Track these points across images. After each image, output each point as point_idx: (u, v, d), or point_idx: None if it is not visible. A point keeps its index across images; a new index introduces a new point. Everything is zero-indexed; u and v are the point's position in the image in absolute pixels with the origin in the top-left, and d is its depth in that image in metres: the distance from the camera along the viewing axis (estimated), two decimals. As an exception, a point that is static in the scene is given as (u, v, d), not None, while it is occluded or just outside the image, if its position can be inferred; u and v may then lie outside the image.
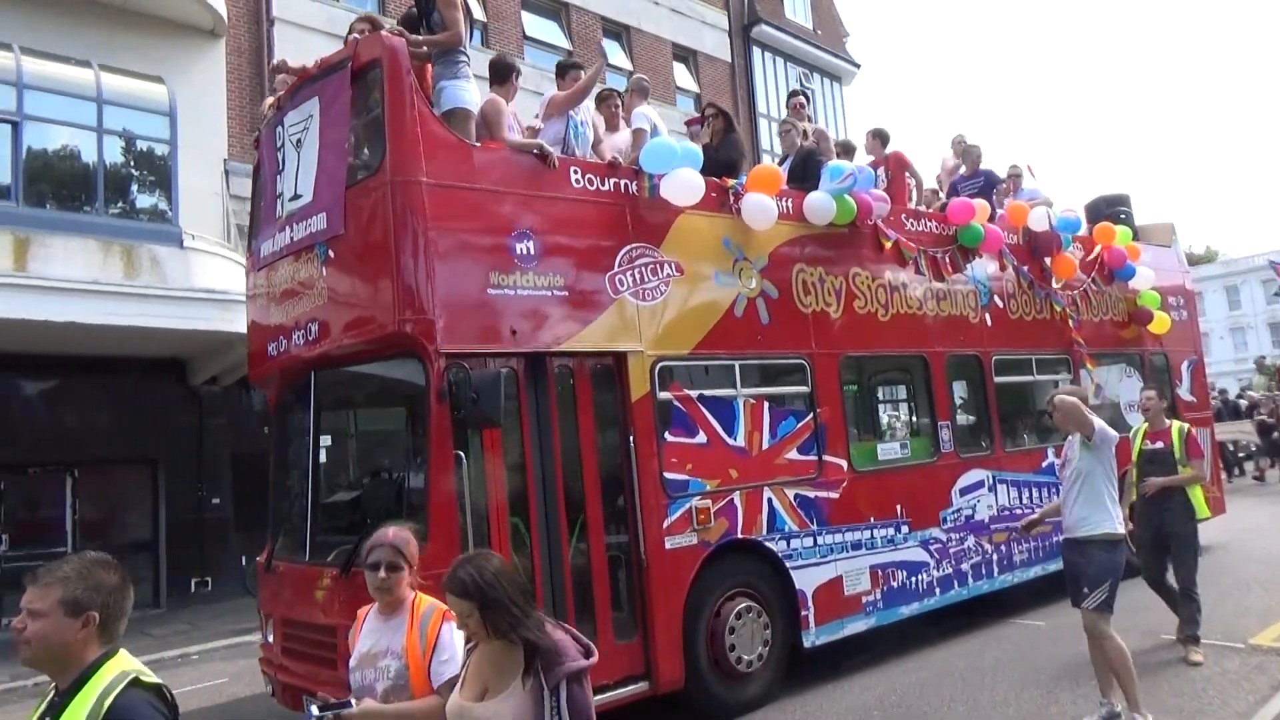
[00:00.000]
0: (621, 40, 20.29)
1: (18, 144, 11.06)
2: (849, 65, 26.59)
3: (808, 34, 25.38)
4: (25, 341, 11.18)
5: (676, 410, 6.19)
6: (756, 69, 23.30)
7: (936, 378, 8.08)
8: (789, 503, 6.69)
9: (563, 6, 19.23)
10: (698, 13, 22.24)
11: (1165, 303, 11.26)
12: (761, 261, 6.88)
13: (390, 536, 3.18)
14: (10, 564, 12.12)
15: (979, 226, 8.58)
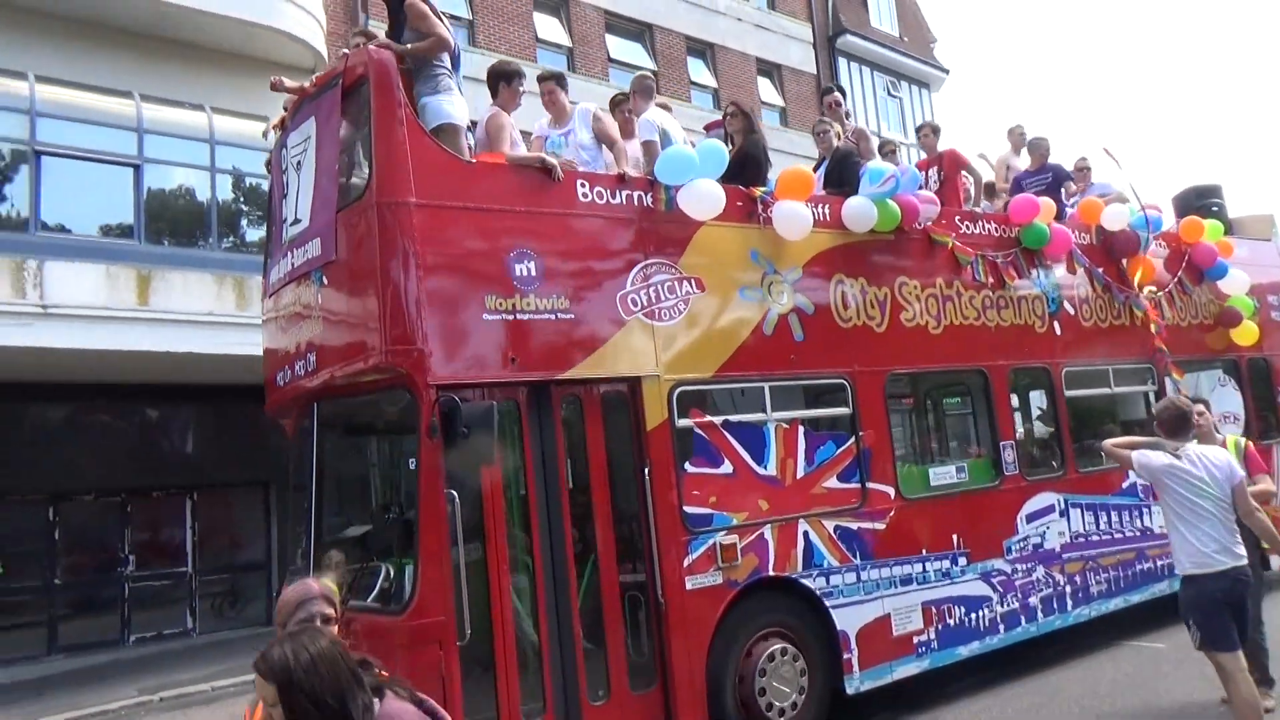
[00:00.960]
0: (705, 58, 20.20)
1: (139, 186, 11.68)
2: (938, 71, 26.00)
3: (894, 42, 24.90)
4: (148, 372, 11.81)
5: (698, 438, 5.73)
6: (843, 80, 22.88)
7: (998, 393, 7.41)
8: (828, 535, 6.15)
9: (646, 28, 19.20)
10: (781, 26, 22.00)
11: (1265, 302, 10.27)
12: (795, 274, 6.37)
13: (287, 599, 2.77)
14: (137, 583, 12.97)
15: (1044, 227, 7.87)
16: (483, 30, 16.38)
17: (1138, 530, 8.17)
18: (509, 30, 16.75)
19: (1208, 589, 4.80)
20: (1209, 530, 4.82)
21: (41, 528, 12.45)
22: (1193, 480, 4.86)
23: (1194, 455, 4.93)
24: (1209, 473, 4.86)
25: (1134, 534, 8.15)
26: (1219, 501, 4.84)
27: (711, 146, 6.11)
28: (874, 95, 23.66)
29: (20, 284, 10.11)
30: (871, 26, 24.39)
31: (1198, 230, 9.47)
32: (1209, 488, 4.83)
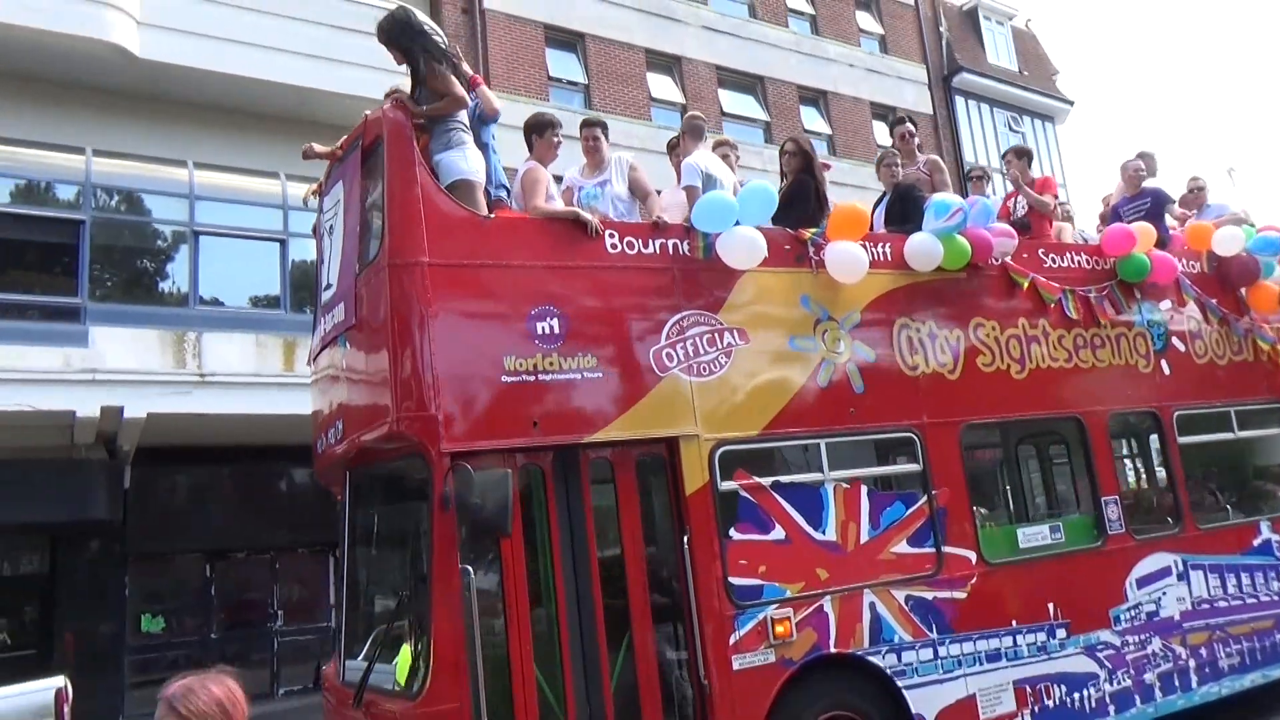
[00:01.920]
0: (818, 105, 20.23)
1: (284, 259, 12.35)
2: (1061, 103, 25.31)
3: (1014, 76, 24.44)
4: (291, 434, 12.19)
5: (745, 502, 5.28)
6: (961, 118, 22.76)
7: (1096, 442, 6.65)
8: (898, 607, 5.55)
9: (757, 80, 19.35)
10: (894, 69, 21.84)
11: None
12: (852, 320, 5.88)
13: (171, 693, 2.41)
14: (285, 637, 13.37)
15: (1143, 256, 7.12)
16: (598, 93, 16.78)
17: (1274, 595, 7.18)
18: (623, 91, 17.13)
19: None
20: None
21: (199, 584, 13.02)
22: None
23: None
24: None
25: (1272, 598, 7.16)
26: None
27: (756, 188, 5.74)
28: (994, 131, 23.40)
29: (181, 355, 10.82)
30: (988, 63, 24.05)
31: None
32: None
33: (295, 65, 12.53)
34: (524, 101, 15.23)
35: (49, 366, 9.96)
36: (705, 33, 18.65)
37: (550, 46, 16.67)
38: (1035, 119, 24.57)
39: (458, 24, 15.56)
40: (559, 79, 16.61)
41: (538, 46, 16.42)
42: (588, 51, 17.02)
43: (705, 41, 18.59)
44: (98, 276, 11.52)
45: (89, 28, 11.02)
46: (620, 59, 17.29)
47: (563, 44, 16.94)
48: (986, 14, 24.74)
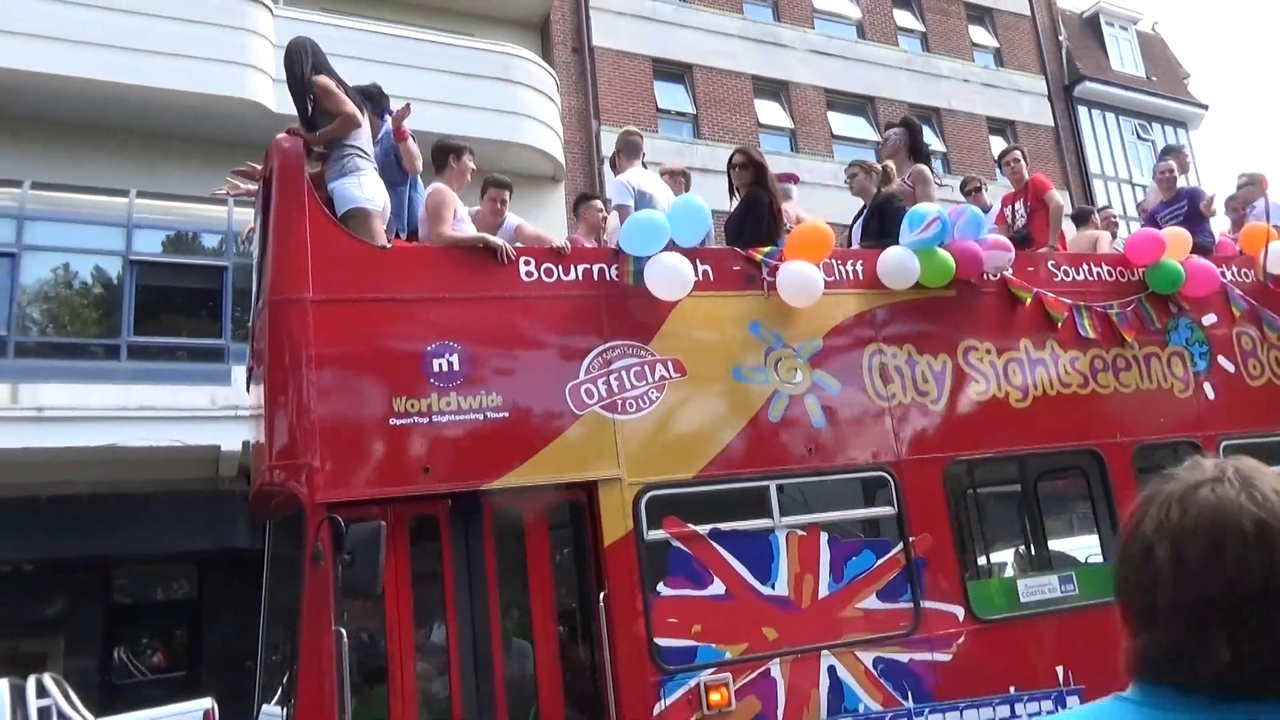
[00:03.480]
0: (931, 123, 19.63)
1: None
2: (1194, 108, 23.95)
3: (1140, 83, 23.20)
4: None
5: (676, 553, 4.74)
6: (1084, 128, 21.78)
7: (1118, 478, 5.81)
8: (864, 671, 4.89)
9: (867, 100, 19.11)
10: (1011, 82, 21.11)
11: None
12: (812, 347, 5.29)
13: None
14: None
15: (1175, 265, 6.26)
16: (706, 122, 16.87)
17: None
18: (731, 119, 17.16)
19: None
20: None
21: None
22: None
23: None
24: None
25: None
26: None
27: (683, 202, 5.26)
28: (1121, 140, 22.36)
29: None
30: (1112, 70, 22.91)
31: None
32: None
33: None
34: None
35: (197, 404, 10.29)
36: (812, 56, 18.54)
37: (658, 79, 16.93)
38: (1166, 125, 23.34)
39: (568, 63, 15.94)
40: (667, 110, 16.84)
41: (646, 80, 16.68)
42: (695, 81, 17.18)
43: (813, 65, 18.48)
44: (239, 319, 11.74)
45: (231, 88, 11.54)
46: (727, 87, 17.40)
47: (670, 75, 17.20)
48: (1109, 20, 23.75)
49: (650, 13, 17.01)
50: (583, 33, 16.21)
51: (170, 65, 10.94)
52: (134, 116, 11.12)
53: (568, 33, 16.18)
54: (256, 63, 11.77)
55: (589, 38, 16.18)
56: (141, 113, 11.45)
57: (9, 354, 10.10)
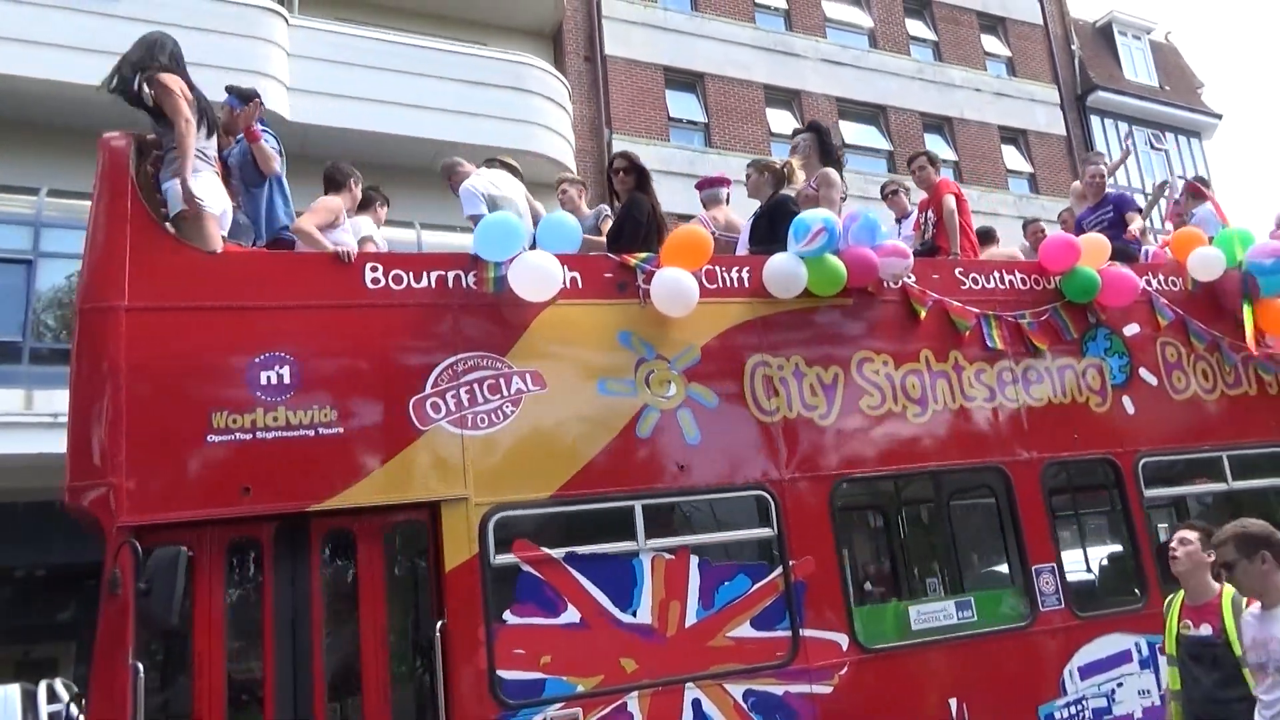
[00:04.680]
0: (943, 132, 19.78)
1: None
2: (1208, 118, 23.92)
3: (1153, 92, 23.22)
4: None
5: (527, 579, 4.44)
6: (1097, 138, 21.72)
7: (1024, 498, 5.50)
8: (733, 705, 4.58)
9: (879, 110, 19.13)
10: (1024, 91, 21.11)
11: None
12: (688, 358, 5.00)
13: None
14: None
15: (1090, 272, 5.96)
16: (717, 131, 16.93)
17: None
18: (743, 128, 17.21)
19: None
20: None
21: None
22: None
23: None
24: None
25: (1278, 690, 5.75)
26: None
27: (555, 219, 5.00)
28: (1135, 150, 22.07)
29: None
30: (1125, 79, 22.88)
31: (1366, 260, 6.99)
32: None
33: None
34: (644, 143, 15.36)
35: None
36: (825, 65, 18.59)
37: (670, 88, 16.93)
38: (1180, 135, 23.34)
39: (580, 71, 15.99)
40: (679, 119, 16.87)
41: (658, 89, 16.70)
42: (707, 91, 17.11)
43: (825, 74, 18.52)
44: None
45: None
46: (739, 96, 17.43)
47: (682, 85, 17.19)
48: (1122, 29, 23.72)
49: (662, 22, 17.12)
50: (595, 41, 16.28)
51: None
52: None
53: (580, 41, 16.27)
54: (272, 72, 11.80)
55: (601, 46, 16.24)
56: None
57: (24, 360, 10.09)
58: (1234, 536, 3.44)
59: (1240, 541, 3.41)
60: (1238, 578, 3.39)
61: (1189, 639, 3.96)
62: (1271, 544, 3.40)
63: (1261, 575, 3.36)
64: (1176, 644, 4.04)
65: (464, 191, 5.16)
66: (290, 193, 5.21)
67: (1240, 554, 3.38)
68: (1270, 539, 3.42)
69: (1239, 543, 3.41)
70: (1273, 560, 3.38)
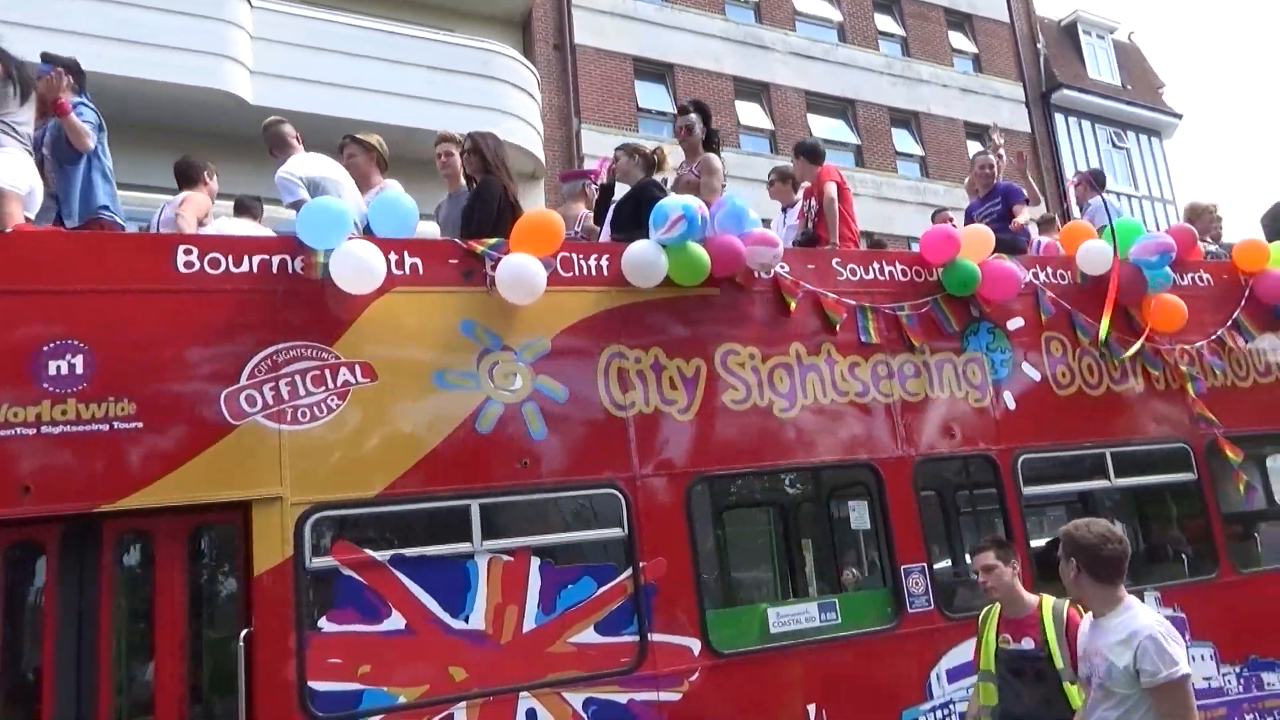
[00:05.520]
0: (910, 127, 20.03)
1: None
2: (1168, 117, 24.42)
3: (1116, 91, 23.67)
4: None
5: (347, 583, 4.17)
6: (1060, 136, 22.19)
7: (895, 496, 5.33)
8: (572, 714, 4.35)
9: (848, 104, 19.31)
10: (990, 88, 21.44)
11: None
12: (538, 349, 4.75)
13: None
14: None
15: (970, 264, 5.80)
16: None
17: (1161, 685, 5.67)
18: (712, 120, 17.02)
19: None
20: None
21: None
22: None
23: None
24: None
25: (1155, 691, 5.65)
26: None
27: (388, 198, 4.73)
28: (1097, 148, 22.83)
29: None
30: (1089, 78, 23.29)
31: (1259, 256, 6.94)
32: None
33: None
34: (614, 133, 15.28)
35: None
36: (794, 59, 18.74)
37: (639, 78, 16.99)
38: (1140, 134, 23.82)
39: (549, 60, 15.89)
40: (648, 109, 16.94)
41: (627, 79, 16.73)
42: (676, 82, 17.28)
43: (794, 67, 18.71)
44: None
45: (210, 80, 11.31)
46: (708, 87, 17.45)
47: (652, 75, 17.26)
48: (1086, 28, 24.08)
49: (633, 11, 17.09)
50: (565, 30, 16.20)
51: (150, 56, 10.82)
52: (113, 107, 10.66)
53: (549, 29, 16.18)
54: (235, 54, 11.58)
55: (571, 35, 16.16)
56: (120, 104, 11.14)
57: None
58: (1062, 534, 3.28)
59: (1063, 541, 3.25)
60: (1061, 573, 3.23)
61: (1009, 653, 3.83)
62: (1086, 553, 3.23)
63: (1071, 582, 3.19)
64: (995, 659, 3.90)
65: (279, 181, 4.86)
66: (112, 170, 4.88)
67: (1062, 554, 3.22)
68: (1086, 548, 3.24)
69: (1063, 541, 3.25)
70: (1081, 569, 3.21)
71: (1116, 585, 3.22)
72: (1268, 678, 6.03)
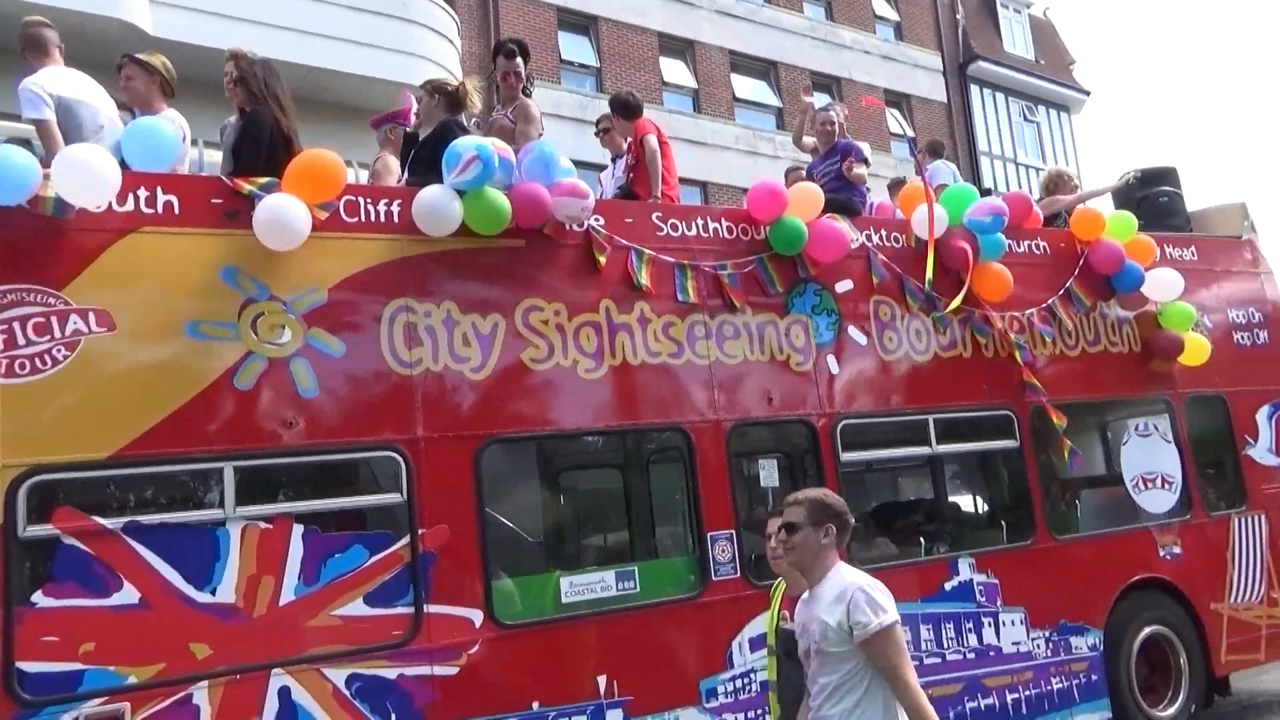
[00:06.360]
0: (831, 92, 19.85)
1: None
2: (1077, 93, 25.11)
3: (1029, 65, 24.13)
4: None
5: (69, 554, 3.76)
6: (975, 107, 22.62)
7: (705, 461, 5.16)
8: (332, 692, 4.07)
9: (771, 65, 19.24)
10: (910, 57, 21.68)
11: (1231, 322, 7.62)
12: (311, 300, 4.37)
13: None
14: None
15: (797, 223, 5.62)
16: (610, 77, 16.74)
17: (968, 651, 5.71)
18: (635, 75, 17.05)
19: None
20: None
21: None
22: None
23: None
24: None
25: (962, 657, 5.69)
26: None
27: (145, 124, 4.25)
28: (1009, 121, 23.42)
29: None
30: (1004, 51, 23.69)
31: (1094, 224, 6.96)
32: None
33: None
34: (535, 85, 14.30)
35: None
36: (720, 17, 18.58)
37: (563, 29, 16.59)
38: (1051, 109, 24.41)
39: (470, 6, 15.34)
40: (571, 62, 16.59)
41: (550, 29, 16.29)
42: (600, 35, 16.93)
43: (719, 26, 18.56)
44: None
45: (107, 8, 10.34)
46: (633, 43, 17.22)
47: (575, 27, 16.87)
48: (1004, 2, 24.40)
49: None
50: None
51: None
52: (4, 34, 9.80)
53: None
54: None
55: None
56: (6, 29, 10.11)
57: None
58: (810, 500, 3.10)
59: (815, 507, 3.07)
60: (795, 542, 3.05)
61: (783, 631, 3.69)
62: (841, 520, 3.08)
63: (818, 548, 3.03)
64: (776, 635, 3.78)
65: (23, 92, 4.30)
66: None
67: (809, 519, 3.04)
68: (842, 516, 3.09)
69: (813, 507, 3.07)
70: (835, 537, 3.05)
71: (840, 553, 3.09)
72: (1075, 641, 6.13)
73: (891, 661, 2.83)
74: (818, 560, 3.04)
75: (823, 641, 2.94)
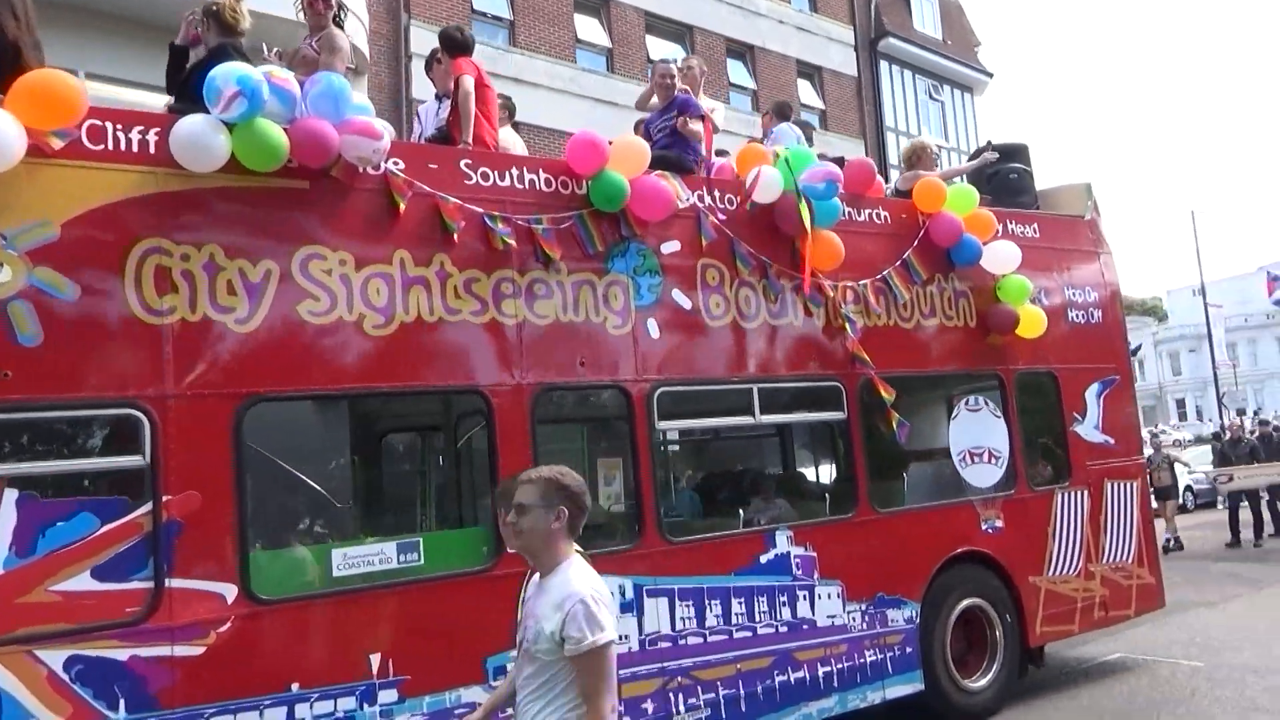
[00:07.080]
0: (745, 60, 20.06)
1: None
2: (981, 75, 25.80)
3: (937, 45, 24.55)
4: None
5: None
6: (884, 83, 22.92)
7: (504, 429, 4.85)
8: (46, 676, 3.63)
9: (686, 29, 19.08)
10: (823, 29, 21.77)
11: (1067, 300, 7.71)
12: (37, 235, 3.85)
13: None
14: None
15: (618, 178, 5.32)
16: (523, 31, 16.30)
17: (781, 624, 5.62)
18: (549, 31, 16.68)
19: None
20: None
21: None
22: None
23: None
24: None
25: (774, 630, 5.59)
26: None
27: None
28: (915, 99, 23.77)
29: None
30: (914, 29, 24.01)
31: (935, 197, 6.89)
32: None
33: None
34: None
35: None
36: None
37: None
38: (955, 89, 24.99)
39: None
40: (483, 13, 16.12)
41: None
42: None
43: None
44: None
45: None
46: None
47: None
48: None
49: None
50: None
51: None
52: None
53: None
54: None
55: None
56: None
57: None
58: (544, 479, 2.82)
59: (548, 486, 2.80)
60: (524, 525, 2.78)
61: None
62: (575, 503, 2.82)
63: (547, 532, 2.76)
64: None
65: None
66: None
67: (540, 500, 2.77)
68: (577, 498, 2.82)
69: (546, 487, 2.79)
70: (567, 521, 2.79)
71: (573, 542, 2.84)
72: (891, 614, 6.13)
73: (592, 684, 2.63)
74: (547, 547, 2.77)
75: (534, 645, 2.71)
